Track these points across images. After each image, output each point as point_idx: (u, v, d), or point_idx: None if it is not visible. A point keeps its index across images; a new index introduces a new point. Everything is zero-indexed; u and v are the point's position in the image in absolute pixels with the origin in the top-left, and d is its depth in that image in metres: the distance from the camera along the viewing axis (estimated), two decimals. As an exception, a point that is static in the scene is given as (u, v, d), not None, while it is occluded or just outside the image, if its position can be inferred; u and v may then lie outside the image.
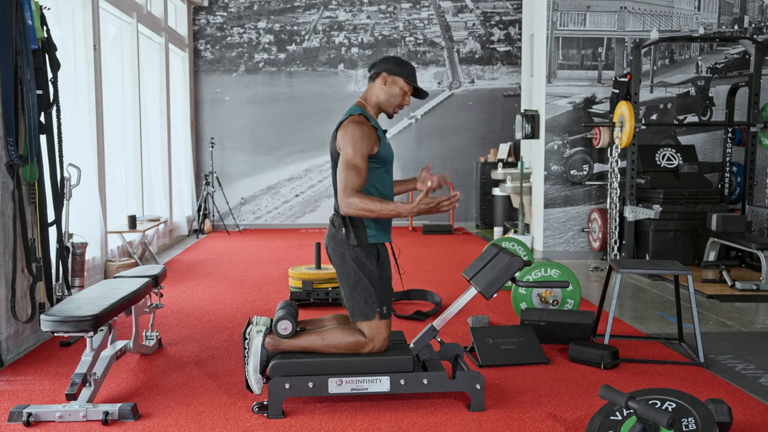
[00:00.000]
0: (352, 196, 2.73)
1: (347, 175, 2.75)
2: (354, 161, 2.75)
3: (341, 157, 2.79)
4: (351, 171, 2.75)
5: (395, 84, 2.92)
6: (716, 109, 7.12)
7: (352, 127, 2.79)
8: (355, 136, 2.76)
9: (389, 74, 2.92)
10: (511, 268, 2.95)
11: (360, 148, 2.76)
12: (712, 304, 4.93)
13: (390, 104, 2.95)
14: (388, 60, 2.95)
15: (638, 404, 2.25)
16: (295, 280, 4.87)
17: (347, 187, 2.74)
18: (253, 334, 2.89)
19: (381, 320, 2.87)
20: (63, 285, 4.24)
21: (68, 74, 4.93)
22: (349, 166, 2.75)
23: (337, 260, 2.92)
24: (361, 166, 2.77)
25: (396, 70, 2.91)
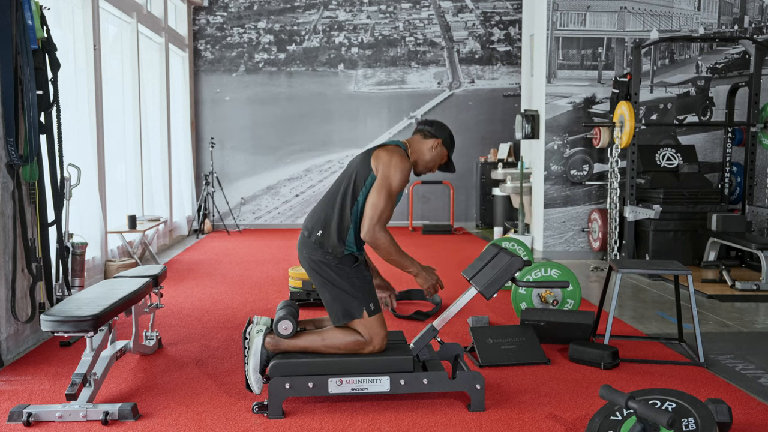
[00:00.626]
0: (382, 231, 2.84)
1: (384, 207, 2.84)
2: (392, 194, 2.87)
3: (380, 184, 2.85)
4: (387, 204, 2.85)
5: (440, 154, 3.07)
6: (716, 109, 7.12)
7: (401, 160, 2.89)
8: (402, 169, 2.87)
9: (442, 144, 3.06)
10: (511, 268, 2.95)
11: (399, 185, 2.88)
12: (712, 304, 4.93)
13: (426, 166, 3.08)
14: (445, 129, 3.09)
15: (638, 404, 2.25)
16: (295, 280, 4.87)
17: (380, 220, 2.84)
18: (254, 333, 2.89)
19: (371, 317, 2.87)
20: (63, 285, 4.24)
21: (68, 74, 4.93)
22: (386, 198, 2.85)
23: (312, 268, 2.92)
24: (394, 200, 2.89)
25: (448, 144, 3.08)
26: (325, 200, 3.00)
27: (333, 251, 2.88)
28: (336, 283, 2.87)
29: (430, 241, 8.35)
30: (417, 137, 3.08)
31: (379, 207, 2.83)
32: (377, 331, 2.88)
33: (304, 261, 2.96)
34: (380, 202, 2.83)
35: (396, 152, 2.90)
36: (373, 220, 2.82)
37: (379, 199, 2.83)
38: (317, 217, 2.97)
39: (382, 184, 2.85)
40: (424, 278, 2.97)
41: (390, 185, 2.85)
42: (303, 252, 2.96)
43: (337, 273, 2.88)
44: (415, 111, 9.88)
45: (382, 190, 2.84)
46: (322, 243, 2.89)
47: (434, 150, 3.05)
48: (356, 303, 2.86)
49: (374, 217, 2.82)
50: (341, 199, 2.92)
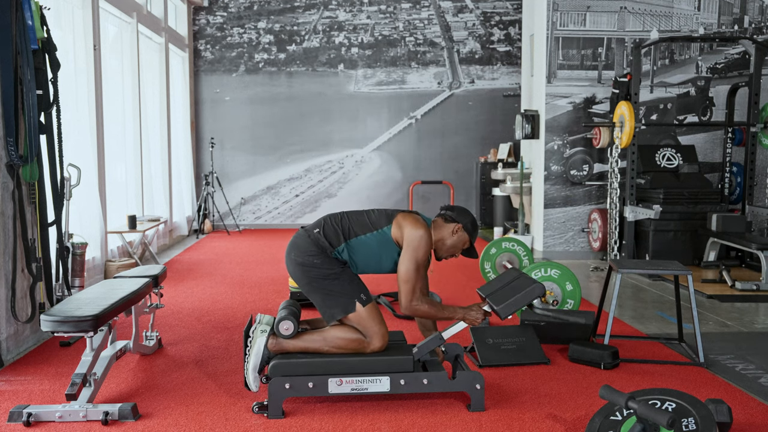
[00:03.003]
0: (419, 302, 2.93)
1: (417, 279, 2.92)
2: (420, 267, 2.92)
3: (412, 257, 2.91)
4: (419, 275, 2.93)
5: (462, 239, 3.11)
6: (716, 109, 7.12)
7: (426, 234, 2.95)
8: (424, 245, 2.93)
9: (463, 230, 3.10)
10: (532, 293, 2.98)
11: (425, 257, 2.95)
12: (712, 304, 4.93)
13: (448, 251, 3.12)
14: (467, 216, 3.15)
15: (638, 404, 2.25)
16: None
17: (415, 293, 2.91)
18: (257, 333, 2.89)
19: (364, 309, 2.89)
20: (63, 285, 4.24)
21: (68, 74, 4.93)
22: (416, 271, 2.91)
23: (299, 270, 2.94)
24: (423, 272, 2.98)
25: (470, 230, 3.12)
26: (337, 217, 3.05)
27: (321, 251, 2.91)
28: (323, 281, 2.90)
29: (430, 241, 8.33)
30: (439, 220, 3.13)
31: (412, 280, 2.90)
32: (376, 328, 2.89)
33: (290, 264, 2.98)
34: (412, 274, 2.90)
35: (420, 223, 2.96)
36: (408, 296, 2.91)
37: (410, 269, 2.90)
38: (321, 222, 3.03)
39: (411, 257, 2.91)
40: (472, 319, 3.01)
41: (418, 257, 2.91)
42: (291, 255, 2.98)
43: (323, 272, 2.90)
44: (415, 111, 9.88)
45: (411, 263, 2.90)
46: (317, 240, 2.93)
47: (455, 235, 3.09)
48: (347, 297, 2.88)
49: (409, 292, 2.91)
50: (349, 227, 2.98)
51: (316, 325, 3.08)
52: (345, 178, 9.91)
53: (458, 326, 3.04)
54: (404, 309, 2.93)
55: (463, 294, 5.20)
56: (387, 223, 2.98)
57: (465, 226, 3.10)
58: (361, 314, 2.88)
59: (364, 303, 2.90)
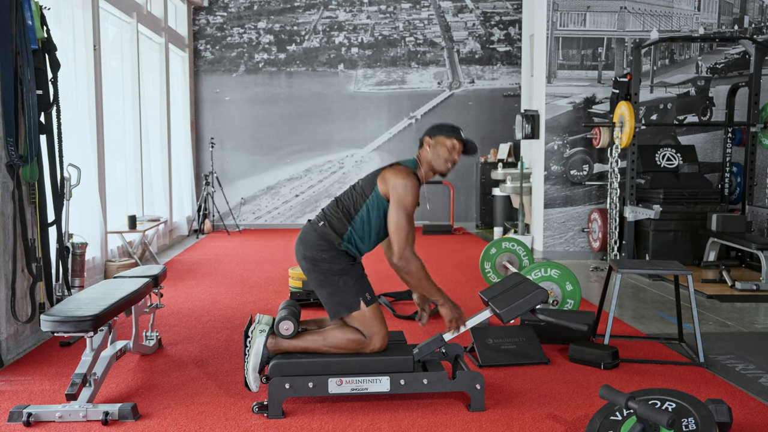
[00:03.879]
0: (413, 254, 2.86)
1: (408, 227, 2.87)
2: (410, 215, 2.89)
3: (399, 206, 2.87)
4: (410, 225, 2.88)
5: (438, 144, 3.01)
6: (716, 109, 7.12)
7: (408, 180, 2.89)
8: (413, 191, 2.89)
9: (430, 137, 3.03)
10: (535, 299, 2.97)
11: (413, 203, 2.90)
12: (712, 304, 4.93)
13: (439, 163, 3.03)
14: (433, 126, 3.09)
15: (638, 404, 2.25)
16: (295, 280, 4.86)
17: (408, 241, 2.86)
18: (256, 333, 2.89)
19: (367, 308, 2.88)
20: (63, 285, 4.24)
21: (68, 74, 4.93)
22: (406, 218, 2.87)
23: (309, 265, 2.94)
24: (413, 220, 2.91)
25: (435, 132, 3.04)
26: (333, 204, 3.04)
27: (330, 245, 2.90)
28: (331, 276, 2.89)
29: (430, 241, 8.35)
30: (417, 152, 3.09)
31: (404, 228, 2.86)
32: (377, 328, 2.89)
33: (300, 258, 2.98)
34: (403, 222, 2.86)
35: (400, 171, 2.92)
36: (401, 244, 2.85)
37: (399, 219, 2.86)
38: (324, 213, 3.02)
39: (398, 205, 2.87)
40: (450, 309, 2.96)
41: (405, 205, 2.87)
42: (299, 249, 2.97)
43: (332, 267, 2.89)
44: (415, 111, 9.88)
45: (399, 211, 2.86)
46: (323, 233, 2.92)
47: (431, 147, 3.03)
48: (352, 296, 2.88)
49: (402, 240, 2.85)
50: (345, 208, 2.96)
51: (315, 325, 3.08)
52: (345, 178, 9.91)
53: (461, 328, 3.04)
54: (397, 259, 2.85)
55: (463, 294, 5.20)
56: (373, 185, 2.95)
57: (429, 133, 3.03)
58: (364, 313, 2.88)
59: (368, 303, 2.90)
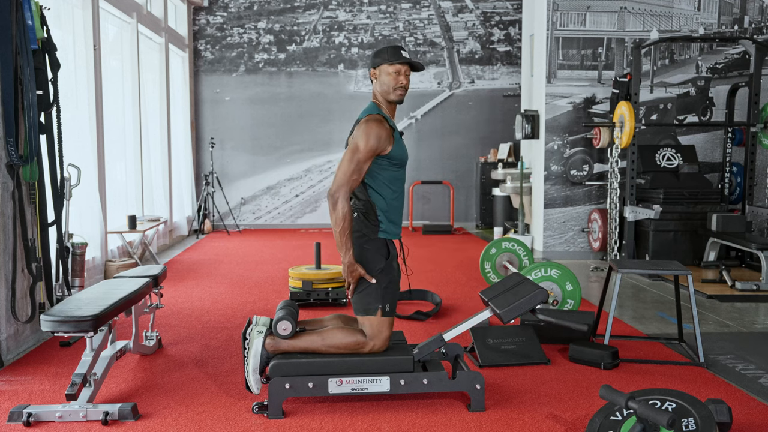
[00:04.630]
0: (343, 198, 2.79)
1: (347, 169, 2.80)
2: (358, 157, 2.81)
3: (348, 150, 2.85)
4: (352, 166, 2.81)
5: (381, 72, 2.94)
6: (716, 109, 7.12)
7: (368, 125, 2.83)
8: (369, 134, 2.81)
9: (373, 68, 2.97)
10: (535, 299, 2.97)
11: (370, 145, 2.81)
12: (712, 304, 4.93)
13: (390, 92, 2.93)
14: (372, 54, 3.01)
15: (638, 404, 2.25)
16: (295, 280, 4.87)
17: (343, 184, 2.80)
18: (254, 334, 2.89)
19: (383, 317, 2.87)
20: (63, 285, 4.24)
21: (68, 74, 4.93)
22: (352, 161, 2.81)
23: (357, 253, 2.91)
24: (363, 163, 2.82)
25: (376, 61, 2.95)
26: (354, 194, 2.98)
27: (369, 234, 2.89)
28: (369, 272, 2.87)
29: (430, 241, 8.35)
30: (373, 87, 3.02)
31: (342, 172, 2.80)
32: (383, 331, 2.89)
33: None
34: (344, 166, 2.81)
35: (364, 123, 2.84)
36: (338, 182, 2.80)
37: (344, 164, 2.82)
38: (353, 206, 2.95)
39: (351, 148, 2.83)
40: (348, 271, 2.85)
41: (357, 148, 2.81)
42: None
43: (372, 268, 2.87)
44: (415, 111, 9.88)
45: (346, 159, 2.82)
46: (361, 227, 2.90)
47: (377, 78, 2.94)
48: (375, 300, 2.86)
49: (339, 179, 2.80)
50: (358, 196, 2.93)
51: (314, 325, 3.08)
52: (345, 178, 9.89)
53: (460, 328, 3.04)
54: (330, 192, 2.79)
55: (463, 294, 5.20)
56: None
57: (371, 63, 2.95)
58: (379, 320, 2.88)
59: (384, 313, 2.88)
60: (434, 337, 2.99)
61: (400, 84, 2.92)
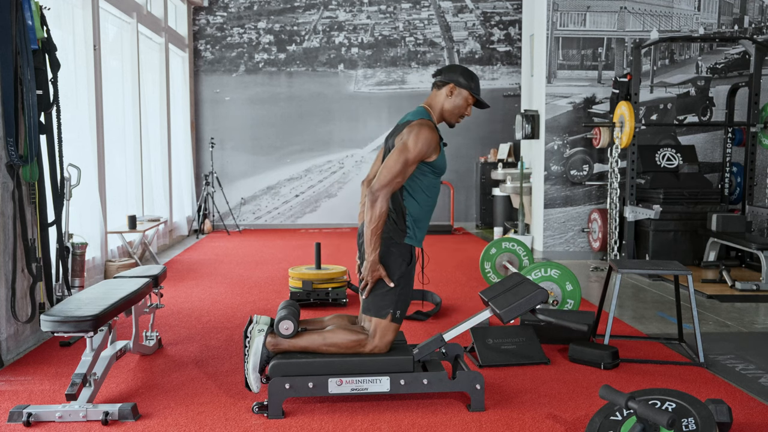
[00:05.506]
0: (385, 197, 2.77)
1: (394, 169, 2.78)
2: (407, 157, 2.79)
3: (395, 149, 2.82)
4: (399, 166, 2.78)
5: (460, 95, 2.96)
6: (716, 109, 7.12)
7: (421, 128, 2.83)
8: (420, 137, 2.80)
9: (456, 86, 2.95)
10: (535, 299, 2.97)
11: (419, 148, 2.80)
12: (712, 304, 4.93)
13: (453, 114, 2.99)
14: (456, 70, 2.98)
15: (638, 404, 2.25)
16: (295, 280, 4.87)
17: (387, 183, 2.78)
18: (255, 333, 2.89)
19: (391, 322, 2.88)
20: (63, 285, 4.24)
21: (68, 74, 4.93)
22: (399, 161, 2.79)
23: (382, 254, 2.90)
24: (409, 165, 2.81)
25: (463, 83, 2.95)
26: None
27: (395, 237, 2.88)
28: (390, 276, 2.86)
29: (430, 241, 8.35)
30: (433, 92, 3.01)
31: (394, 170, 2.78)
32: (387, 335, 2.89)
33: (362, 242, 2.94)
34: (396, 165, 2.78)
35: (417, 126, 2.82)
36: (382, 181, 2.77)
37: (390, 162, 2.79)
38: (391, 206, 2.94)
39: (400, 149, 2.81)
40: (370, 269, 2.82)
41: (407, 148, 2.80)
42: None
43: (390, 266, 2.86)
44: (415, 111, 9.86)
45: (393, 159, 2.80)
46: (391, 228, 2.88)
47: (452, 96, 2.95)
48: (388, 304, 2.87)
49: (384, 178, 2.77)
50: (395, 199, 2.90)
51: (314, 325, 3.08)
52: (345, 178, 9.91)
53: (460, 328, 3.04)
54: (372, 188, 2.77)
55: (463, 294, 5.20)
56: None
57: (457, 81, 2.93)
58: (387, 324, 2.88)
59: (394, 318, 2.88)
60: (434, 337, 2.99)
61: (467, 114, 3.01)
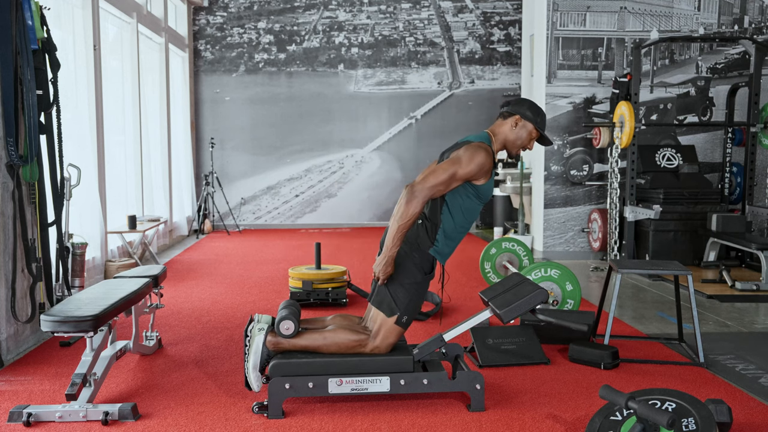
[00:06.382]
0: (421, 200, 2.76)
1: (440, 177, 2.79)
2: (455, 170, 2.79)
3: (448, 160, 2.83)
4: (445, 176, 2.79)
5: (525, 128, 2.96)
6: (716, 109, 7.12)
7: (479, 151, 2.82)
8: (475, 157, 2.80)
9: (522, 118, 2.95)
10: (535, 299, 2.96)
11: (470, 168, 2.80)
12: (712, 304, 4.93)
13: (515, 145, 2.98)
14: (524, 103, 2.99)
15: (638, 404, 2.25)
16: (295, 280, 4.87)
17: (428, 187, 2.78)
18: (255, 331, 2.89)
19: (396, 325, 2.88)
20: (63, 285, 4.24)
21: (68, 74, 4.93)
22: (447, 171, 2.79)
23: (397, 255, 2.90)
24: (455, 179, 2.81)
25: (530, 117, 2.95)
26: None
27: (421, 245, 2.89)
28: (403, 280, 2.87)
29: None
30: (498, 122, 3.01)
31: (439, 177, 2.78)
32: (390, 337, 2.89)
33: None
34: (441, 175, 2.78)
35: (476, 148, 2.83)
36: (424, 183, 2.77)
37: (438, 169, 2.80)
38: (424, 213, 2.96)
39: (452, 160, 2.82)
40: (386, 264, 2.82)
41: (459, 162, 2.80)
42: None
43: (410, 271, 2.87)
44: (415, 111, 9.88)
45: (450, 165, 2.80)
46: (418, 234, 2.90)
47: (516, 127, 2.95)
48: (396, 308, 2.87)
49: (428, 183, 2.77)
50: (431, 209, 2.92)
51: (314, 324, 3.08)
52: (345, 178, 9.91)
53: (460, 328, 3.04)
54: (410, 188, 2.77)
55: (463, 294, 5.20)
56: None
57: (523, 114, 2.94)
58: (391, 326, 2.88)
59: (399, 322, 2.88)
60: (434, 337, 2.99)
61: (529, 147, 3.01)
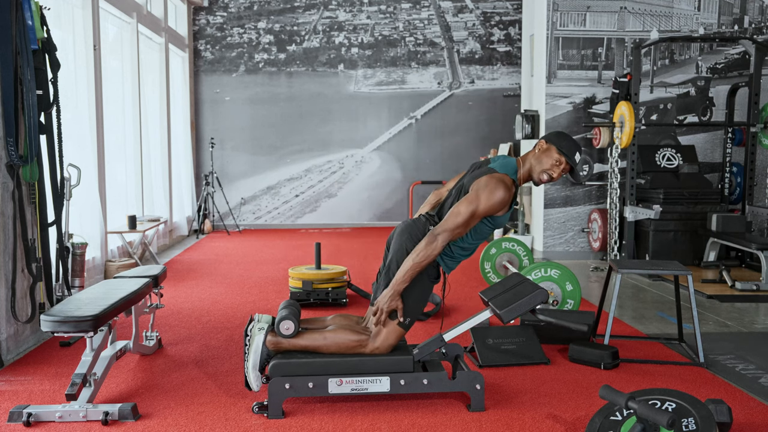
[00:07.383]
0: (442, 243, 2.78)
1: (459, 220, 2.79)
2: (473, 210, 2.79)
3: (467, 199, 2.81)
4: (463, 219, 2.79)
5: (547, 152, 2.89)
6: (716, 109, 7.12)
7: (499, 186, 2.79)
8: (494, 195, 2.78)
9: (546, 142, 2.90)
10: (535, 299, 2.96)
11: (488, 207, 2.80)
12: (712, 304, 4.93)
13: (536, 171, 2.90)
14: (563, 138, 2.90)
15: (638, 404, 2.25)
16: (295, 280, 4.87)
17: (448, 230, 2.79)
18: (255, 331, 2.89)
19: (397, 326, 2.89)
20: (63, 285, 4.24)
21: (68, 74, 4.93)
22: (465, 213, 2.79)
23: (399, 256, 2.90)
24: (473, 219, 2.81)
25: (553, 140, 2.89)
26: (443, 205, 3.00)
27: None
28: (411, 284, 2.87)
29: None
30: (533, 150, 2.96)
31: (458, 221, 2.79)
32: (390, 340, 2.89)
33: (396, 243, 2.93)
34: (461, 218, 2.78)
35: (496, 183, 2.79)
36: (445, 227, 2.79)
37: (459, 213, 2.79)
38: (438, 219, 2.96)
39: (471, 199, 2.80)
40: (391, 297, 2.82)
41: (478, 201, 2.79)
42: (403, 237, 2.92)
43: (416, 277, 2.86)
44: (415, 111, 9.88)
45: (469, 205, 2.80)
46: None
47: (539, 152, 2.89)
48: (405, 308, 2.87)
49: (448, 226, 2.79)
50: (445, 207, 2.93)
51: (314, 324, 3.08)
52: (345, 178, 9.91)
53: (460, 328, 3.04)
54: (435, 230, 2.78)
55: (463, 294, 5.20)
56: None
57: (549, 138, 2.88)
58: (393, 327, 2.89)
59: (400, 324, 2.89)
60: (434, 337, 2.99)
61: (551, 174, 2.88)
